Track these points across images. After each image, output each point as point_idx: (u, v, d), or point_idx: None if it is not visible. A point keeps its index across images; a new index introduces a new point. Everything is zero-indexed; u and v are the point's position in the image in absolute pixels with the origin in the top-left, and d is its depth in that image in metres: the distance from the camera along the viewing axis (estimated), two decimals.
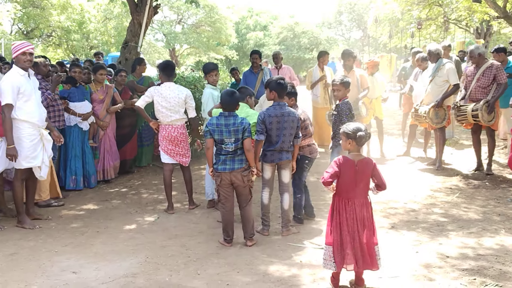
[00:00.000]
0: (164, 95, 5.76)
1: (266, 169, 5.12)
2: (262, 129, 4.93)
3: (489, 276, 3.97)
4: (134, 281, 4.07)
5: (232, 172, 4.68)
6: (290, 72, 9.28)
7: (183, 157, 5.95)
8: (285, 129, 4.95)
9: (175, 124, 5.85)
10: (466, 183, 6.92)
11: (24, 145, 5.30)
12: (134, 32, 8.98)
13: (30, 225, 5.53)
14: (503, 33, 24.83)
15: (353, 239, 3.74)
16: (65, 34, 22.25)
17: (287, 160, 5.09)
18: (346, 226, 3.75)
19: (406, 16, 26.05)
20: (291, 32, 36.98)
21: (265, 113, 4.95)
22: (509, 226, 5.16)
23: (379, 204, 6.08)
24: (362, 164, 3.78)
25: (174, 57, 31.65)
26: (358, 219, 3.75)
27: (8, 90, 5.15)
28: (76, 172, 6.98)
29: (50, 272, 4.29)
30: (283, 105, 5.01)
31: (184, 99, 5.82)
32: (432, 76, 7.58)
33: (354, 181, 3.76)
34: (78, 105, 6.95)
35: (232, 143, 4.64)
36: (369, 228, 3.77)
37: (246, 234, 4.85)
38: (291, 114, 4.98)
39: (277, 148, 4.99)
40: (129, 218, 5.85)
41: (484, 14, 15.09)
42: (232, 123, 4.63)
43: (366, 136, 3.78)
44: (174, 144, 5.88)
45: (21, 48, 5.24)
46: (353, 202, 3.76)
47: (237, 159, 4.69)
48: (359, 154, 3.83)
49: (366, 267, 3.76)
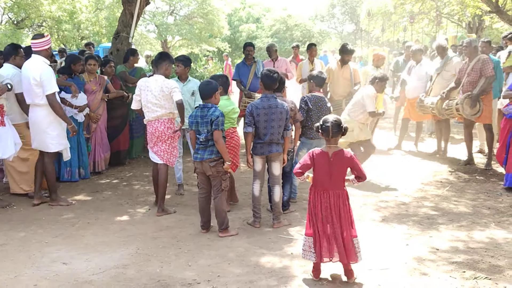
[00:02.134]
0: (150, 88, 5.45)
1: (256, 161, 5.14)
2: (250, 121, 4.97)
3: (480, 269, 4.00)
4: (124, 272, 4.06)
5: (202, 161, 4.79)
6: (286, 64, 9.25)
7: (169, 156, 5.59)
8: (273, 121, 4.96)
9: (162, 119, 5.48)
10: (457, 176, 6.96)
11: (56, 128, 5.76)
12: (126, 23, 8.88)
13: (65, 202, 5.99)
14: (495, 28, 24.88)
15: (329, 230, 3.80)
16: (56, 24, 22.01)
17: (277, 153, 5.10)
18: (321, 218, 3.82)
19: (398, 10, 26.05)
20: (283, 24, 36.90)
21: (253, 105, 5.01)
22: (499, 219, 5.21)
23: (370, 197, 6.11)
24: (337, 156, 3.80)
25: (166, 48, 31.44)
26: (333, 211, 3.79)
27: (51, 78, 5.59)
28: (71, 163, 6.91)
29: (40, 263, 4.26)
30: (271, 97, 5.03)
31: (169, 93, 5.41)
32: (439, 70, 7.67)
33: (329, 173, 3.81)
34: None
35: (204, 134, 4.74)
36: (345, 220, 3.79)
37: (218, 225, 4.92)
38: (279, 106, 4.99)
39: (266, 141, 5.01)
40: (120, 210, 5.83)
41: (476, 8, 15.12)
42: (205, 114, 4.72)
43: (331, 127, 3.78)
44: (162, 140, 5.52)
45: (49, 43, 5.72)
46: (328, 193, 3.81)
47: (208, 149, 4.78)
48: (335, 146, 3.85)
49: (343, 260, 3.79)
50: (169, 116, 5.53)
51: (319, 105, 5.65)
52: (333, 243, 3.79)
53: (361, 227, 5.07)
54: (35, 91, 5.57)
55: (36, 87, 5.54)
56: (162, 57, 5.57)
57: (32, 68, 5.55)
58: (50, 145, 5.79)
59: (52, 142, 5.78)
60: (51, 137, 5.75)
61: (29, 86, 5.58)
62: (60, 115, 5.71)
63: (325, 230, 3.81)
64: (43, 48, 5.64)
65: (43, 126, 5.71)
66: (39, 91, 5.56)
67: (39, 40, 5.64)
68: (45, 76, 5.52)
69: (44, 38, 5.67)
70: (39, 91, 5.56)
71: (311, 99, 5.68)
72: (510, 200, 5.82)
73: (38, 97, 5.60)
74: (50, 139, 5.76)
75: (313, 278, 3.88)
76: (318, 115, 5.53)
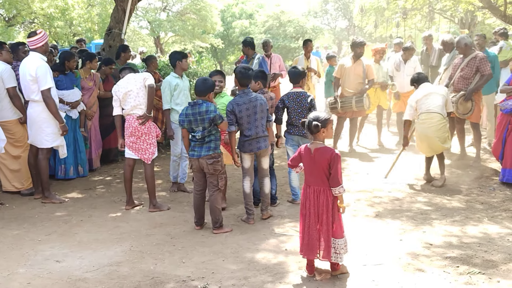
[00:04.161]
0: (122, 84, 5.44)
1: (245, 159, 5.20)
2: (231, 119, 5.02)
3: (473, 264, 4.02)
4: (118, 270, 4.04)
5: (199, 158, 4.78)
6: (280, 60, 9.22)
7: (144, 153, 5.51)
8: (256, 113, 5.06)
9: (136, 114, 5.43)
10: (450, 172, 6.98)
11: (51, 125, 5.77)
12: (118, 19, 8.82)
13: (59, 199, 5.96)
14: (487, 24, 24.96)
15: (305, 226, 3.84)
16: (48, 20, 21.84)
17: (266, 149, 5.20)
18: (303, 212, 3.88)
19: (391, 6, 26.05)
20: (277, 20, 36.77)
21: (233, 103, 5.05)
22: (492, 214, 5.24)
23: (364, 193, 6.13)
24: (318, 152, 3.81)
25: (159, 45, 31.31)
26: (312, 207, 3.81)
27: (46, 74, 5.60)
28: (65, 161, 6.85)
29: (34, 261, 4.24)
30: (248, 91, 5.12)
31: (142, 85, 5.38)
32: (447, 65, 7.73)
33: (311, 169, 3.85)
34: (66, 93, 6.81)
35: (200, 131, 4.71)
36: (323, 217, 3.78)
37: (212, 223, 4.91)
38: (258, 99, 5.11)
39: (253, 136, 5.06)
40: (113, 207, 5.80)
41: (468, 4, 15.14)
42: (198, 112, 4.68)
43: (309, 124, 3.81)
44: (136, 136, 5.45)
45: (47, 37, 5.77)
46: (310, 188, 3.85)
47: (205, 146, 4.76)
48: (318, 142, 3.85)
49: (313, 256, 3.80)
50: (142, 112, 5.43)
51: (298, 101, 5.61)
52: (306, 239, 3.82)
53: (355, 222, 5.10)
54: (31, 87, 5.64)
55: (32, 83, 5.61)
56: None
57: (28, 65, 5.63)
58: (44, 141, 5.81)
59: (47, 138, 5.80)
60: (45, 133, 5.78)
61: (25, 82, 5.67)
62: (53, 112, 5.69)
63: (306, 226, 3.85)
64: (38, 45, 5.69)
65: (38, 122, 5.76)
66: (34, 87, 5.62)
67: (33, 38, 5.69)
68: (40, 72, 5.55)
69: (37, 36, 5.69)
70: (35, 87, 5.62)
71: (289, 96, 5.66)
72: (503, 195, 5.85)
73: (34, 93, 5.66)
74: (44, 135, 5.79)
75: (307, 274, 3.89)
76: (299, 111, 5.54)
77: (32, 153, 6.05)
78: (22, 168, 6.19)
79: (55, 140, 5.85)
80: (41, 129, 5.77)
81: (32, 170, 6.13)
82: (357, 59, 8.05)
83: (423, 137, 6.28)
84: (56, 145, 5.92)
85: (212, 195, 4.85)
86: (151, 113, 5.48)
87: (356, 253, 4.25)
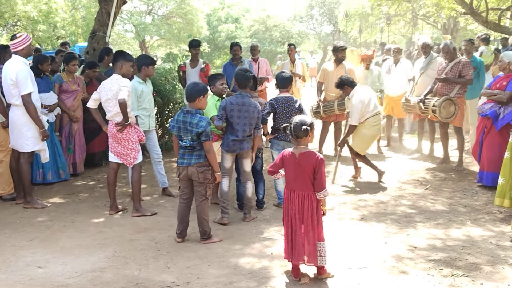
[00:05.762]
0: (106, 87, 5.35)
1: (226, 158, 5.23)
2: (222, 115, 5.07)
3: (457, 266, 4.05)
4: (101, 276, 3.99)
5: (189, 166, 4.61)
6: (267, 65, 9.26)
7: (126, 157, 5.43)
8: (246, 118, 5.10)
9: (115, 120, 5.34)
10: (433, 175, 7.05)
11: (31, 129, 5.69)
12: (102, 22, 8.75)
13: (41, 204, 5.89)
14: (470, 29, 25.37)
15: (290, 231, 3.84)
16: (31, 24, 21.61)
17: (247, 150, 5.26)
18: (286, 217, 3.88)
19: (375, 12, 26.33)
20: (262, 25, 36.87)
21: (227, 101, 5.12)
22: (475, 217, 5.29)
23: (349, 196, 6.15)
24: (303, 157, 3.81)
25: (144, 48, 31.19)
26: (297, 212, 3.81)
27: (27, 79, 5.53)
28: (43, 165, 6.76)
29: (15, 267, 4.17)
30: (245, 95, 5.16)
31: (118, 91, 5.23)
32: (424, 69, 7.76)
33: (294, 174, 3.84)
34: (44, 96, 6.72)
35: (188, 141, 4.58)
36: (308, 221, 3.78)
37: (200, 234, 4.77)
38: (252, 105, 5.13)
39: (239, 138, 5.10)
40: (97, 212, 5.73)
41: (451, 10, 15.36)
42: (188, 121, 4.54)
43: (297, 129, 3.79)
44: (116, 141, 5.40)
45: (29, 39, 5.69)
46: (294, 193, 3.84)
47: (195, 154, 4.61)
48: (303, 147, 3.85)
49: (299, 260, 3.80)
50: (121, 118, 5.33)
51: (286, 106, 5.62)
52: (290, 243, 3.83)
53: (341, 226, 5.11)
54: (12, 91, 5.58)
55: (13, 87, 5.55)
56: (116, 57, 5.49)
57: (10, 68, 5.56)
58: (25, 145, 5.75)
59: (27, 143, 5.73)
60: (26, 137, 5.71)
61: (6, 86, 5.62)
62: (33, 118, 5.62)
63: (288, 231, 3.85)
64: (19, 48, 5.62)
65: (19, 126, 5.69)
66: (15, 91, 5.56)
67: (14, 41, 5.64)
68: (21, 77, 5.49)
69: (18, 39, 5.63)
70: (16, 91, 5.56)
71: (278, 101, 5.66)
72: (485, 198, 5.91)
73: (14, 97, 5.60)
74: (25, 139, 5.72)
75: (293, 278, 3.88)
76: (287, 116, 5.55)
77: (14, 158, 5.98)
78: (4, 173, 6.09)
79: (36, 144, 5.78)
80: (21, 133, 5.70)
81: (14, 174, 6.06)
82: (339, 63, 8.09)
83: (370, 139, 6.70)
84: (38, 149, 5.85)
85: (199, 205, 4.69)
86: (128, 121, 5.33)
87: (342, 257, 4.26)
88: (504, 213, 5.34)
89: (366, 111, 6.52)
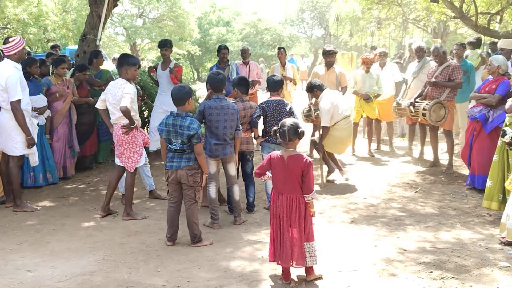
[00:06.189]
0: (111, 91, 5.37)
1: (210, 164, 5.25)
2: (199, 119, 5.07)
3: (446, 269, 4.08)
4: (91, 279, 3.97)
5: (178, 169, 4.60)
6: (257, 68, 9.25)
7: (127, 161, 5.44)
8: (226, 121, 5.12)
9: (120, 123, 5.36)
10: (423, 178, 7.09)
11: (20, 133, 5.64)
12: (93, 25, 8.72)
13: (30, 208, 5.86)
14: (460, 33, 25.58)
15: (278, 233, 3.85)
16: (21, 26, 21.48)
17: (231, 155, 5.28)
18: (273, 220, 3.89)
19: (366, 15, 26.45)
20: (254, 28, 36.91)
21: (206, 104, 5.14)
22: (465, 220, 5.33)
23: (340, 199, 6.17)
24: (292, 160, 3.83)
25: (135, 51, 31.07)
26: (285, 214, 3.82)
27: (17, 85, 5.48)
28: (33, 168, 6.71)
29: (4, 271, 4.14)
30: (222, 98, 5.21)
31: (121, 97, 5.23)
32: (417, 73, 7.82)
33: (283, 176, 3.85)
34: (34, 99, 6.67)
35: (178, 144, 4.56)
36: (295, 223, 3.79)
37: (190, 238, 4.76)
38: (230, 107, 5.16)
39: (221, 142, 5.13)
40: (87, 215, 5.70)
41: (441, 14, 15.47)
42: (179, 124, 4.52)
43: (288, 132, 3.80)
44: (119, 144, 5.43)
45: (22, 44, 5.66)
46: (283, 196, 3.85)
47: (185, 157, 4.60)
48: (292, 150, 3.88)
49: (287, 263, 3.81)
50: (126, 121, 5.32)
51: (277, 109, 5.64)
52: (278, 245, 3.84)
53: (331, 229, 5.13)
54: (2, 95, 5.54)
55: (2, 92, 5.51)
56: (120, 62, 5.46)
57: (0, 72, 5.49)
58: (14, 149, 5.71)
59: (16, 146, 5.70)
60: (15, 141, 5.68)
61: None
62: (21, 124, 5.58)
63: (276, 234, 3.86)
64: (11, 53, 5.58)
65: (8, 130, 5.66)
66: (5, 96, 5.53)
67: (6, 45, 5.60)
68: (11, 83, 5.45)
69: (11, 43, 5.58)
70: (5, 96, 5.52)
71: (268, 104, 5.67)
72: (475, 201, 5.96)
73: (4, 102, 5.57)
74: (14, 143, 5.69)
75: (283, 281, 3.88)
76: (278, 120, 5.54)
77: (3, 161, 5.93)
78: None
79: (25, 148, 5.75)
80: (10, 137, 5.66)
81: (4, 178, 6.01)
82: (329, 67, 8.12)
83: (342, 140, 6.84)
84: (27, 153, 5.81)
85: (189, 208, 4.68)
86: (134, 124, 5.34)
87: (332, 259, 4.28)
88: (493, 216, 5.38)
89: (335, 113, 6.62)
